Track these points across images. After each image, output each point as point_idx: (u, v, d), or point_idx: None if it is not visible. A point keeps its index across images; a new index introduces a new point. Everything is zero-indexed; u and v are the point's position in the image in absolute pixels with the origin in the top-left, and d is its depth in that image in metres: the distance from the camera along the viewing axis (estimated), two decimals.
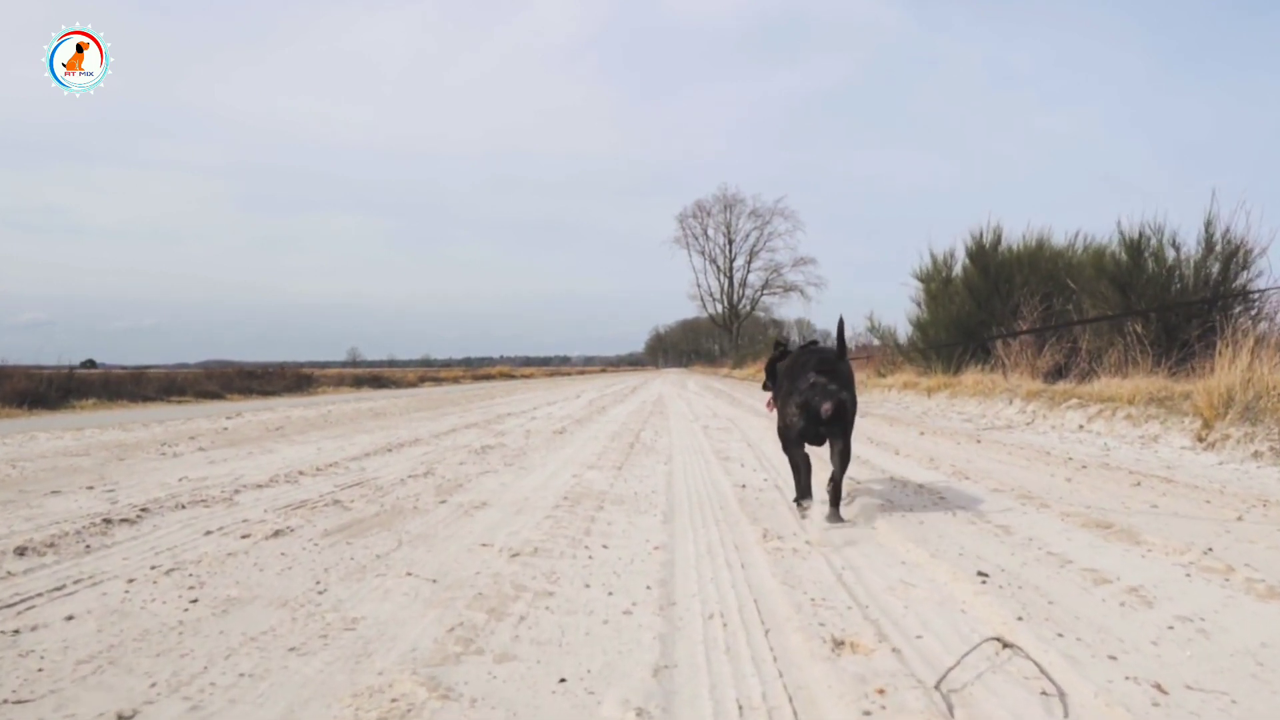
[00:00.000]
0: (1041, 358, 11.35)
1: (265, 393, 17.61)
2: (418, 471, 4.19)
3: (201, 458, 4.69)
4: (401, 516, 3.00)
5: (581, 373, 61.19)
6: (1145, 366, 8.50)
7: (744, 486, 3.83)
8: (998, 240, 13.86)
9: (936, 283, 14.65)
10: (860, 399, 3.18)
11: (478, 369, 48.61)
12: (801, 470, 3.04)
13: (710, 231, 46.49)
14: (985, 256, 13.82)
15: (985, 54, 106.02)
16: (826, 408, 2.82)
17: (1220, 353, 6.21)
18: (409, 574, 2.18)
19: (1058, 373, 10.81)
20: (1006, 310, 12.35)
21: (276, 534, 2.59)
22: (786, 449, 3.08)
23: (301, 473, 3.97)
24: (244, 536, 2.56)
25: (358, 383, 23.51)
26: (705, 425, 7.61)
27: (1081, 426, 7.17)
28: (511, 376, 41.44)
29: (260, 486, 3.53)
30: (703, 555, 2.50)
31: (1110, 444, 6.16)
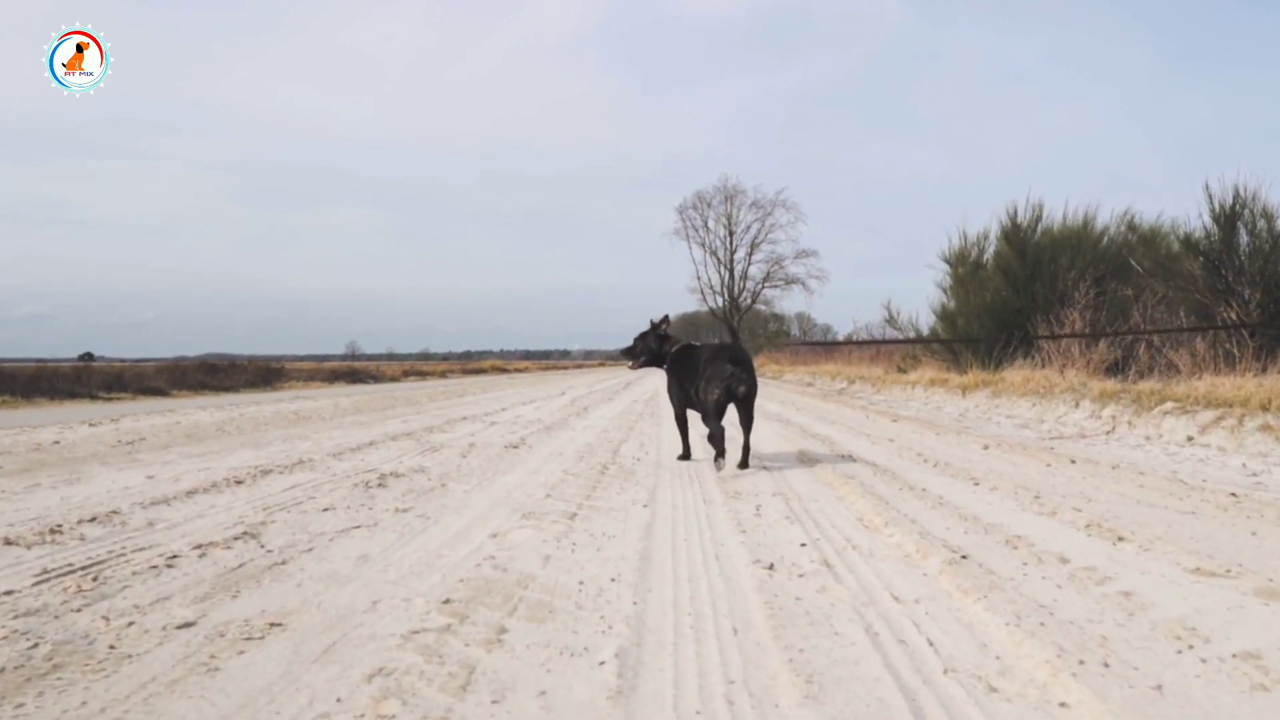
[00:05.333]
0: (1096, 350, 9.73)
1: (221, 389, 15.94)
2: (234, 531, 2.54)
3: None
4: (33, 689, 1.38)
5: (579, 366, 59.50)
6: (1247, 364, 6.85)
7: (772, 568, 2.21)
8: (1037, 219, 12.23)
9: (966, 267, 12.99)
10: (880, 398, 2.05)
11: (470, 363, 46.95)
12: (720, 437, 4.05)
13: (710, 223, 44.36)
14: (1022, 237, 12.21)
15: (987, 48, 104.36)
16: (741, 390, 4.16)
17: None
18: None
19: (1115, 367, 9.22)
20: (1053, 296, 10.72)
21: None
22: (709, 420, 4.20)
23: (11, 540, 2.32)
24: None
25: (333, 377, 21.79)
26: (704, 430, 5.99)
27: (1191, 439, 5.53)
28: (504, 370, 39.75)
29: None
30: None
31: (1254, 467, 4.54)
